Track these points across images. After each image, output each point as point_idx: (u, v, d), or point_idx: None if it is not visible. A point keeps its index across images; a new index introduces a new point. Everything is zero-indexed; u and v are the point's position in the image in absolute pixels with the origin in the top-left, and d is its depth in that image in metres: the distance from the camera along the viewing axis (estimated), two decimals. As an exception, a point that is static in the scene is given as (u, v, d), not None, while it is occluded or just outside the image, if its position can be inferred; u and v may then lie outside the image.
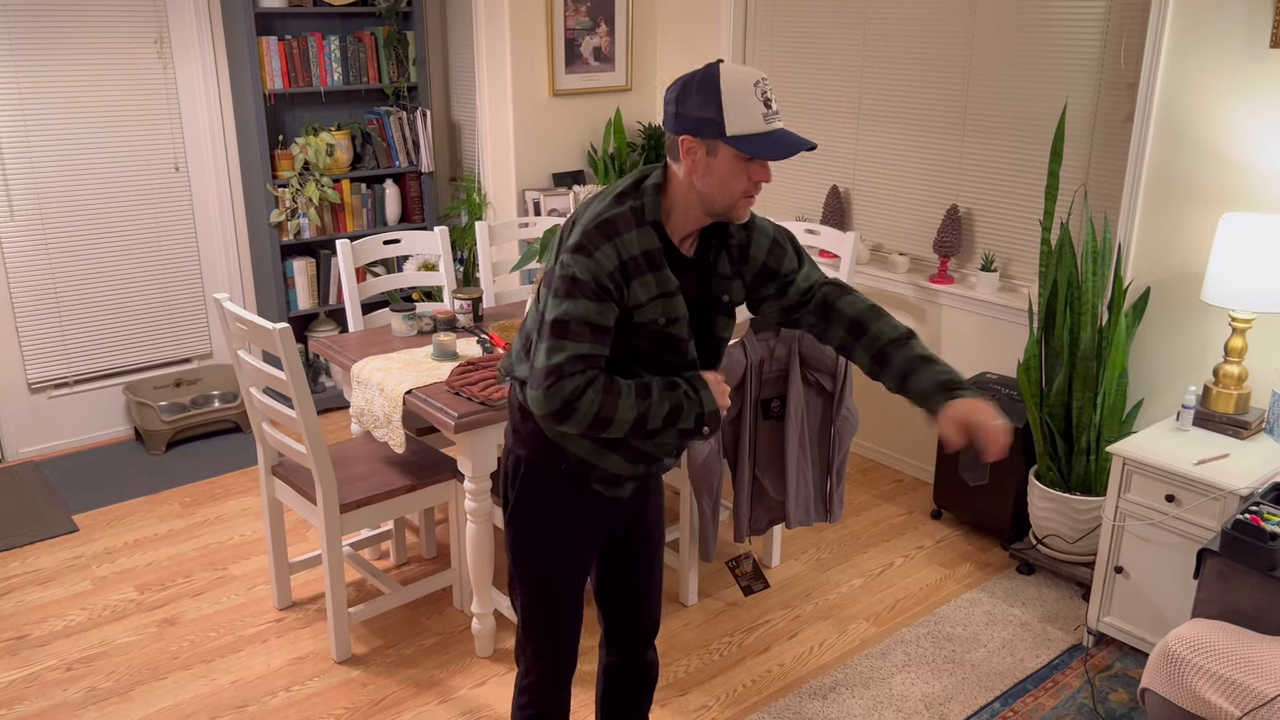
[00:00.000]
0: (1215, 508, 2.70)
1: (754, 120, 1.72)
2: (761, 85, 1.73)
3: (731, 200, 1.79)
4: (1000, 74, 3.64)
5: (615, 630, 2.20)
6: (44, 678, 2.93)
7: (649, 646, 2.24)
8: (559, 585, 2.03)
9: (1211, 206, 3.06)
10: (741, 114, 1.71)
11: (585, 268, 1.75)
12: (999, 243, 3.80)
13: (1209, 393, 2.96)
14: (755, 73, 1.74)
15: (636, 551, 2.14)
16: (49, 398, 4.35)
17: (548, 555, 2.01)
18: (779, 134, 1.74)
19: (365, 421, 3.01)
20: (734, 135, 1.72)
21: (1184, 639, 2.23)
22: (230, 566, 3.51)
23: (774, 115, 1.74)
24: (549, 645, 2.07)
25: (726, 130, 1.72)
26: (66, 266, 4.28)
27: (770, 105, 1.73)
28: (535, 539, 2.01)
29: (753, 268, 1.95)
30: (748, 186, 1.78)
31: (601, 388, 1.76)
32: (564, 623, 2.06)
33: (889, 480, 4.16)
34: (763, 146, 1.73)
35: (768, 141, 1.73)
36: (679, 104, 1.74)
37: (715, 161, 1.74)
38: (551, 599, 2.04)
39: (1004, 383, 3.63)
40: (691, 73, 1.76)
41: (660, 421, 1.81)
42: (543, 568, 2.02)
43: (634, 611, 2.18)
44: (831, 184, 4.31)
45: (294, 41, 4.42)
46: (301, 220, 4.54)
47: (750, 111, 1.72)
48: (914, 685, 2.91)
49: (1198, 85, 3.02)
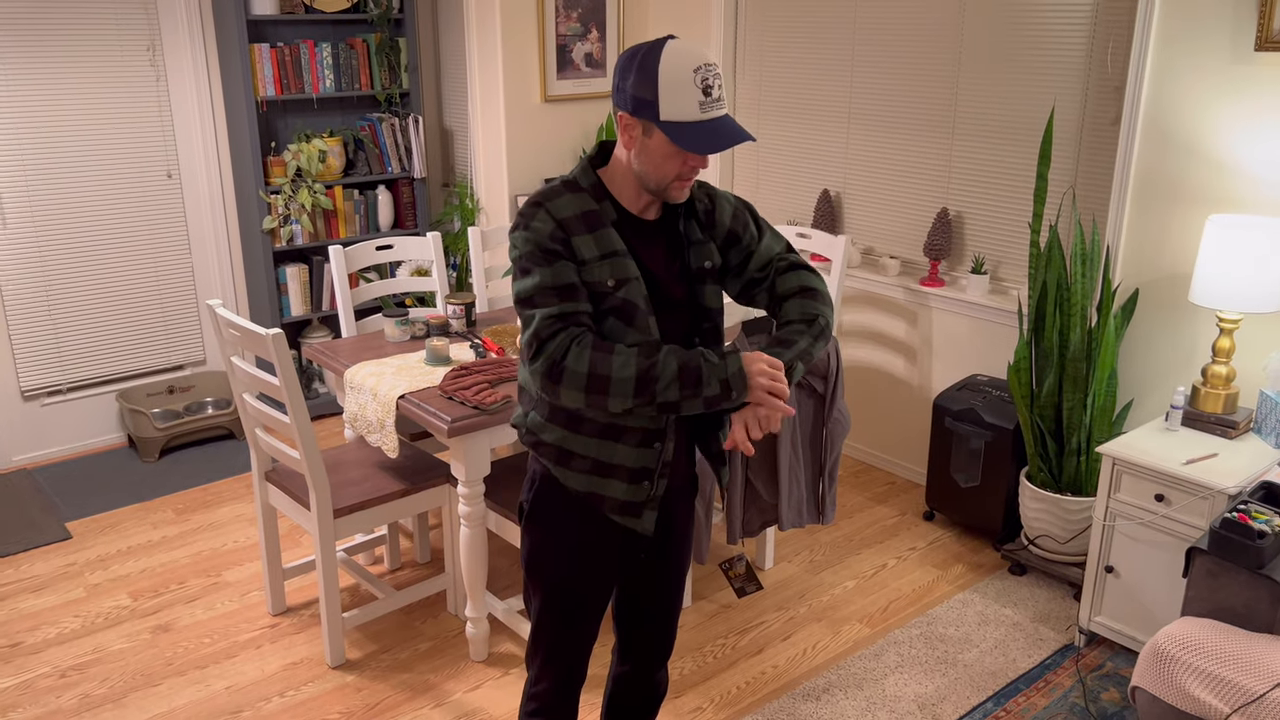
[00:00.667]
0: (1204, 507, 2.72)
1: (689, 108, 1.68)
2: (703, 72, 1.67)
3: (665, 182, 1.76)
4: (989, 78, 3.67)
5: (629, 646, 2.16)
6: (37, 685, 2.93)
7: (664, 663, 2.20)
8: (571, 599, 1.99)
9: (1198, 208, 3.08)
10: (677, 100, 1.67)
11: (525, 239, 1.75)
12: (989, 245, 3.82)
13: (1197, 393, 2.99)
14: (700, 57, 1.68)
15: (659, 576, 2.08)
16: (42, 405, 4.35)
17: (560, 570, 1.97)
18: (713, 124, 1.69)
19: (359, 427, 3.01)
20: (667, 121, 1.68)
21: (1174, 637, 2.25)
22: (224, 572, 3.51)
23: (713, 104, 1.69)
24: (559, 655, 2.04)
25: (660, 115, 1.68)
26: (59, 273, 4.28)
27: (710, 93, 1.68)
28: (548, 554, 1.97)
29: (720, 232, 1.91)
30: (682, 170, 1.74)
31: (589, 344, 1.71)
32: (575, 635, 2.02)
33: (881, 482, 4.17)
34: (693, 137, 1.68)
35: (700, 132, 1.68)
36: (621, 77, 1.71)
37: (650, 142, 1.71)
38: (563, 611, 2.00)
39: (994, 384, 3.65)
40: (639, 45, 1.71)
41: (672, 382, 1.69)
42: (555, 581, 1.98)
43: (650, 633, 2.14)
44: (823, 187, 4.33)
45: (286, 48, 4.43)
46: (294, 227, 4.55)
47: (686, 98, 1.67)
48: (907, 686, 2.92)
49: (1184, 88, 3.05)
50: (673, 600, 2.13)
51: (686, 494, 2.07)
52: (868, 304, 4.17)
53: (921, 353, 4.03)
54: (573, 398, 1.73)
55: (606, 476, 1.88)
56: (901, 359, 4.11)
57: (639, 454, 1.87)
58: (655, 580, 2.08)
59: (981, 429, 3.51)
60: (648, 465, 1.88)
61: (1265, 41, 2.83)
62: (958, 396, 3.62)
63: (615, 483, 1.88)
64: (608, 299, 1.78)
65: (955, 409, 3.59)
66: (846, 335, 4.30)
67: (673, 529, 2.06)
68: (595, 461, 1.87)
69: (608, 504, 1.90)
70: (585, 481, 1.89)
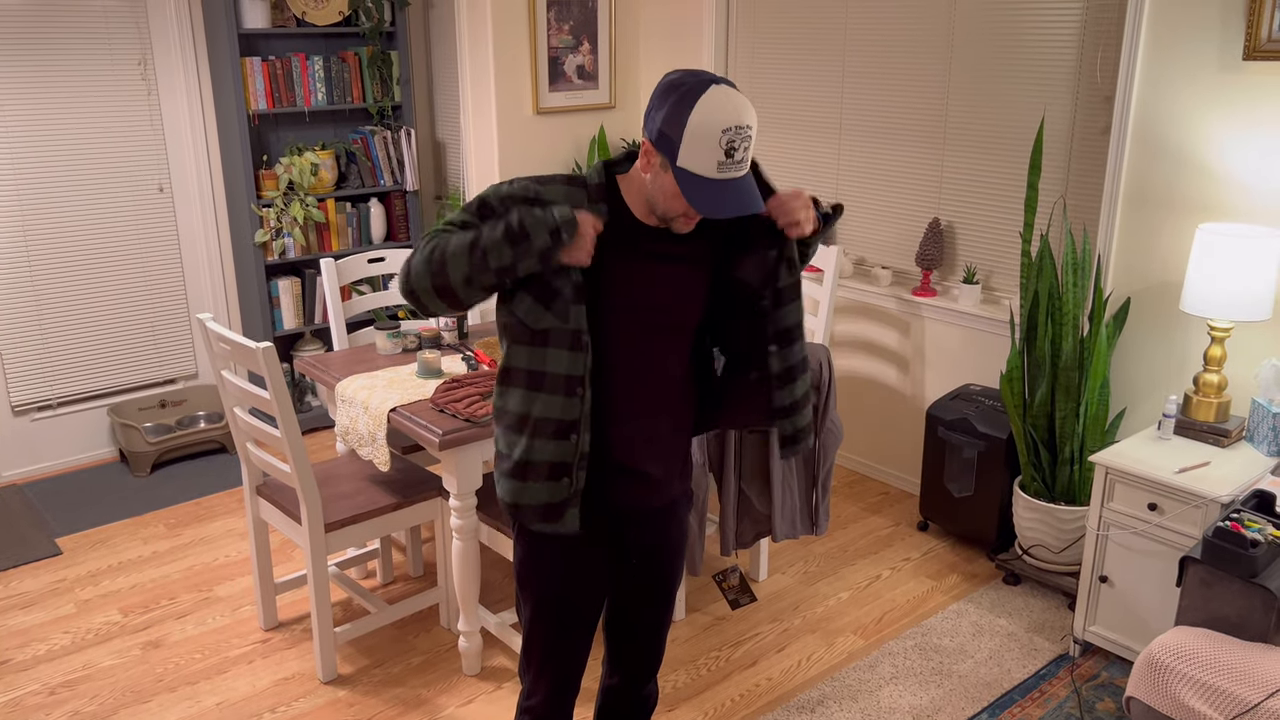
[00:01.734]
0: (1197, 515, 2.72)
1: (708, 164, 1.66)
2: (731, 134, 1.64)
3: (670, 216, 1.76)
4: (979, 88, 3.68)
5: (618, 658, 2.15)
6: (26, 702, 2.91)
7: (652, 678, 2.19)
8: (561, 611, 1.98)
9: (1189, 217, 3.09)
10: (697, 152, 1.65)
11: (496, 192, 1.75)
12: (980, 255, 3.82)
13: (1189, 401, 2.99)
14: (734, 117, 1.64)
15: (646, 589, 2.06)
16: (32, 420, 4.33)
17: (549, 582, 1.97)
18: (725, 187, 1.67)
19: (350, 440, 3.00)
20: (682, 169, 1.67)
21: (1168, 647, 2.24)
22: (215, 588, 3.49)
23: (731, 165, 1.67)
24: (551, 667, 2.03)
25: (678, 160, 1.67)
26: (50, 288, 4.27)
27: (733, 155, 1.66)
28: (536, 565, 1.97)
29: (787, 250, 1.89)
30: (688, 210, 1.73)
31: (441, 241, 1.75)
32: (567, 647, 2.02)
33: (875, 492, 4.17)
34: (700, 193, 1.67)
35: (707, 191, 1.67)
36: (655, 104, 1.70)
37: (664, 176, 1.71)
38: (553, 623, 1.99)
39: (987, 394, 3.65)
40: (686, 76, 1.67)
41: (502, 245, 1.68)
42: (544, 593, 1.98)
43: (637, 647, 2.13)
44: (814, 199, 4.33)
45: (278, 62, 4.43)
46: (286, 240, 4.54)
47: (707, 155, 1.65)
48: (902, 697, 2.91)
49: (1173, 97, 3.06)
50: (661, 614, 2.11)
51: (680, 507, 2.06)
52: (860, 314, 4.18)
53: (914, 363, 4.03)
54: (424, 291, 1.75)
55: (525, 480, 1.84)
56: (894, 369, 4.11)
57: (556, 447, 1.82)
58: (644, 593, 2.07)
59: (975, 439, 3.51)
60: (565, 459, 1.82)
61: (1253, 51, 2.84)
62: (951, 406, 3.62)
63: (533, 485, 1.84)
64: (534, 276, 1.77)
65: (948, 419, 3.58)
66: (839, 345, 4.30)
67: (665, 542, 2.04)
68: (515, 463, 1.85)
69: (525, 514, 1.87)
70: (509, 489, 1.87)
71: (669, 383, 1.90)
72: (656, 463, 1.93)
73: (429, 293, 1.75)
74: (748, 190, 1.70)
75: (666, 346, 1.87)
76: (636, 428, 1.88)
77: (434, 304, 1.78)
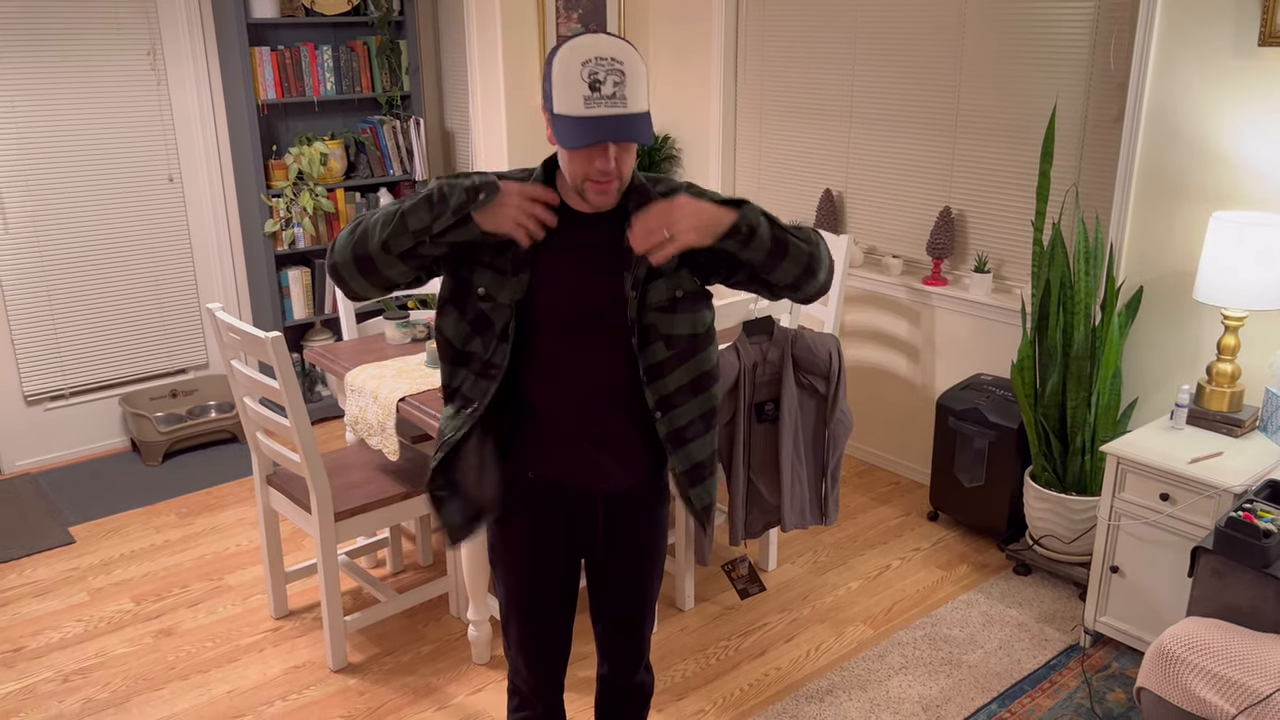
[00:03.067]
0: (1209, 506, 2.70)
1: (574, 103, 1.59)
2: (592, 65, 1.58)
3: (578, 183, 1.69)
4: (990, 75, 3.65)
5: (602, 648, 2.14)
6: (40, 689, 2.93)
7: (637, 670, 2.15)
8: (527, 595, 1.99)
9: (1202, 205, 3.06)
10: (564, 93, 1.60)
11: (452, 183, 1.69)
12: (992, 244, 3.80)
13: (1202, 391, 2.97)
14: (596, 47, 1.59)
15: (618, 578, 2.02)
16: (45, 410, 4.35)
17: (514, 566, 1.98)
18: (590, 122, 1.59)
19: (359, 429, 3.01)
20: (556, 114, 1.62)
21: (1179, 637, 2.23)
22: (226, 576, 3.50)
23: (599, 100, 1.59)
24: (526, 646, 2.04)
25: (554, 108, 1.63)
26: (61, 278, 4.28)
27: (599, 89, 1.58)
28: (501, 549, 1.99)
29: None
30: (589, 170, 1.65)
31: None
32: (537, 629, 2.02)
33: (885, 482, 4.16)
34: (568, 133, 1.61)
35: (576, 128, 1.59)
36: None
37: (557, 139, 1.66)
38: (521, 606, 2.01)
39: (998, 384, 3.63)
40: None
41: (420, 207, 1.64)
42: (510, 577, 1.99)
43: (616, 637, 2.09)
44: (825, 187, 4.31)
45: (286, 51, 4.43)
46: (296, 230, 4.55)
47: (573, 93, 1.59)
48: (911, 687, 2.90)
49: (1187, 84, 3.03)
50: (636, 609, 2.06)
51: (646, 501, 1.98)
52: (870, 304, 4.16)
53: (924, 352, 4.01)
54: (344, 263, 1.72)
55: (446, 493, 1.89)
56: (904, 359, 4.09)
57: (452, 421, 1.85)
58: (615, 588, 2.04)
59: (985, 429, 3.49)
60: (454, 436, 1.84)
61: (1269, 36, 2.81)
62: (961, 396, 3.60)
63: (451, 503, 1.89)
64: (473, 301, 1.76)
65: (959, 409, 3.57)
66: (849, 335, 4.28)
67: (635, 537, 1.99)
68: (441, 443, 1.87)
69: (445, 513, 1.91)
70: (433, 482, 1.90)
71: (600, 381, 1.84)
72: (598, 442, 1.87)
73: (349, 264, 1.72)
74: (614, 124, 1.60)
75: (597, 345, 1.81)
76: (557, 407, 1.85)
77: (355, 280, 1.74)
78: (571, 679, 2.95)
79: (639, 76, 1.63)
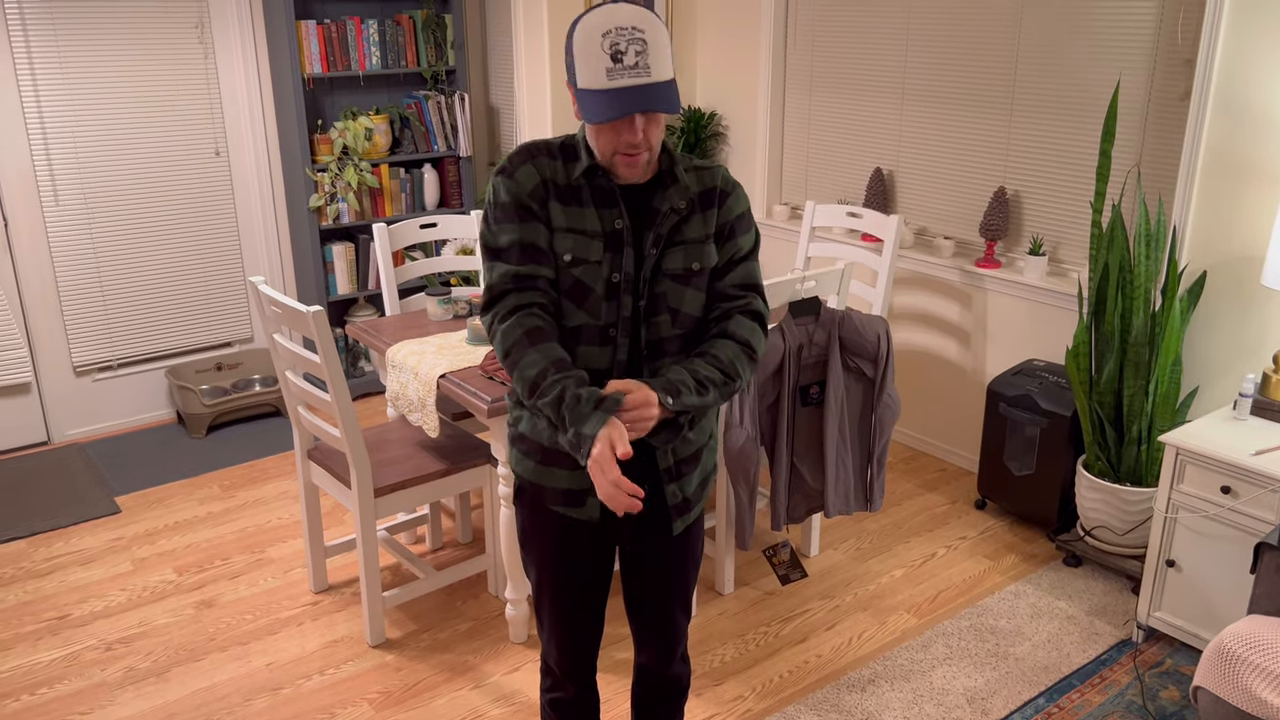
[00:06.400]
0: (1274, 500, 2.60)
1: (597, 76, 1.57)
2: (613, 36, 1.55)
3: (605, 158, 1.68)
4: (1049, 51, 3.53)
5: (638, 637, 2.10)
6: (84, 657, 2.96)
7: (672, 662, 2.11)
8: (556, 577, 1.96)
9: (1273, 186, 2.94)
10: (586, 66, 1.58)
11: (508, 189, 1.72)
12: (1048, 226, 3.69)
13: (1268, 380, 2.85)
14: (615, 17, 1.56)
15: (655, 568, 1.98)
16: (94, 381, 4.41)
17: (543, 550, 1.95)
18: (615, 94, 1.57)
19: (400, 405, 2.99)
20: (581, 89, 1.61)
21: (1240, 636, 2.15)
22: (267, 549, 3.52)
23: (623, 71, 1.56)
24: (558, 629, 2.01)
25: (578, 83, 1.61)
26: (110, 251, 4.32)
27: (621, 59, 1.56)
28: (531, 533, 1.96)
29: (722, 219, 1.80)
30: (616, 144, 1.65)
31: (523, 325, 1.69)
32: (570, 613, 1.99)
33: (932, 469, 4.07)
34: (593, 107, 1.59)
35: (600, 102, 1.58)
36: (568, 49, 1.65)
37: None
38: (552, 587, 1.97)
39: (1051, 370, 3.53)
40: None
41: (549, 406, 1.67)
42: (540, 560, 1.96)
43: (651, 629, 2.05)
44: (875, 166, 4.22)
45: (333, 25, 4.41)
46: (340, 205, 4.54)
47: (595, 65, 1.57)
48: (955, 679, 2.84)
49: (1259, 60, 2.89)
50: (669, 603, 2.02)
51: None
52: (920, 286, 4.07)
53: (976, 336, 3.92)
54: (498, 350, 1.76)
55: (550, 465, 1.84)
56: (955, 343, 4.00)
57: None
58: (649, 581, 2.00)
59: (1037, 416, 3.40)
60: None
61: (1349, 10, 2.68)
62: (1013, 382, 3.51)
63: (559, 471, 1.84)
64: (562, 274, 1.75)
65: (1010, 395, 3.48)
66: (898, 318, 4.19)
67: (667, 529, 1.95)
68: (542, 448, 1.84)
69: (549, 495, 1.87)
70: (532, 470, 1.87)
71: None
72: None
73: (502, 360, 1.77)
74: (645, 93, 1.57)
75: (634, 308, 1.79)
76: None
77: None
78: (609, 660, 2.92)
79: (662, 44, 1.61)
